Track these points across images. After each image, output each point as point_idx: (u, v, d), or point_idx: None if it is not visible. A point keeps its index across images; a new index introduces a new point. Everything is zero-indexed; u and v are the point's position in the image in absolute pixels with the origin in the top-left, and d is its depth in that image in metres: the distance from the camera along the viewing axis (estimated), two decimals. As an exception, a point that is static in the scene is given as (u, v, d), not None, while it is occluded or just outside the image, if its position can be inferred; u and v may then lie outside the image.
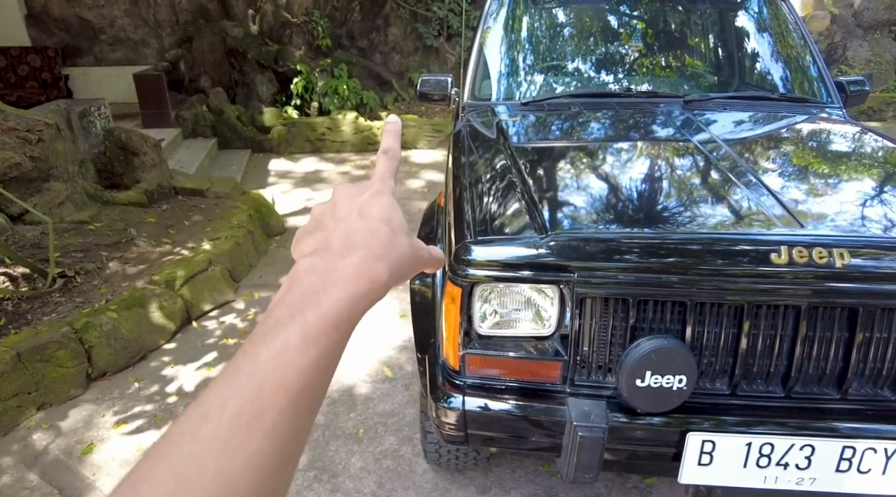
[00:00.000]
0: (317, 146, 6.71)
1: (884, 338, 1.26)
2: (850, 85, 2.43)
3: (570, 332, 1.31)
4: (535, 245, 1.30)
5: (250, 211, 4.06)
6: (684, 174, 1.65)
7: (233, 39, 6.96)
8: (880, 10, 9.57)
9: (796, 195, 1.47)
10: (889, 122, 8.98)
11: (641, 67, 2.41)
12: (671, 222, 1.39)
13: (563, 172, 1.72)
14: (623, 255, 1.28)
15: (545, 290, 1.32)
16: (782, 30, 2.57)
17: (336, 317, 0.35)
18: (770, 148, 1.86)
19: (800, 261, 1.22)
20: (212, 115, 6.58)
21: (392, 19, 7.64)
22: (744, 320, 1.26)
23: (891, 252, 1.26)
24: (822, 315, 1.26)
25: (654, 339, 1.22)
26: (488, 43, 2.54)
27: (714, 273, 1.24)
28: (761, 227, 1.32)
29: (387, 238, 0.40)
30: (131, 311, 2.66)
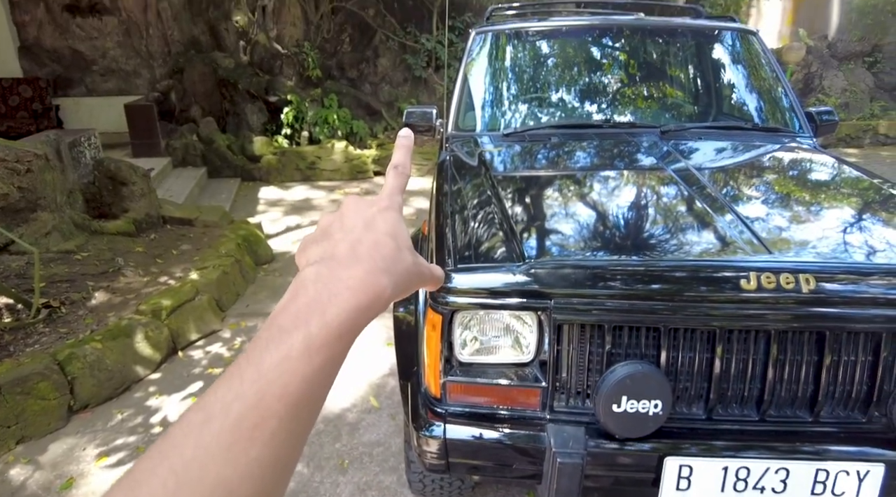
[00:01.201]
0: (307, 175, 6.77)
1: (851, 361, 1.30)
2: (821, 115, 2.52)
3: (549, 358, 1.33)
4: (513, 273, 1.33)
5: (238, 239, 4.08)
6: (658, 203, 1.70)
7: (224, 70, 7.07)
8: (853, 42, 9.93)
9: (765, 222, 1.52)
10: (866, 148, 9.23)
11: (619, 99, 2.50)
12: (644, 250, 1.44)
13: (541, 201, 1.77)
14: (598, 282, 1.31)
15: (523, 317, 1.35)
16: (755, 63, 2.67)
17: (339, 327, 0.35)
18: (742, 176, 1.92)
19: (768, 286, 1.26)
20: (202, 145, 6.64)
21: (381, 51, 7.81)
22: (716, 345, 1.29)
23: (854, 277, 1.31)
24: (791, 339, 1.29)
25: (629, 364, 1.25)
26: (471, 76, 2.61)
27: (685, 299, 1.28)
28: (731, 255, 1.37)
29: (392, 252, 0.40)
30: (116, 342, 2.65)
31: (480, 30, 2.72)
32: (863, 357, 1.30)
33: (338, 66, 7.86)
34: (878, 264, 1.35)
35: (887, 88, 10.14)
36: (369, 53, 7.86)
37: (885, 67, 10.08)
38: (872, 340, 1.29)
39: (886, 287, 1.30)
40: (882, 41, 10.00)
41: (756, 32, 2.70)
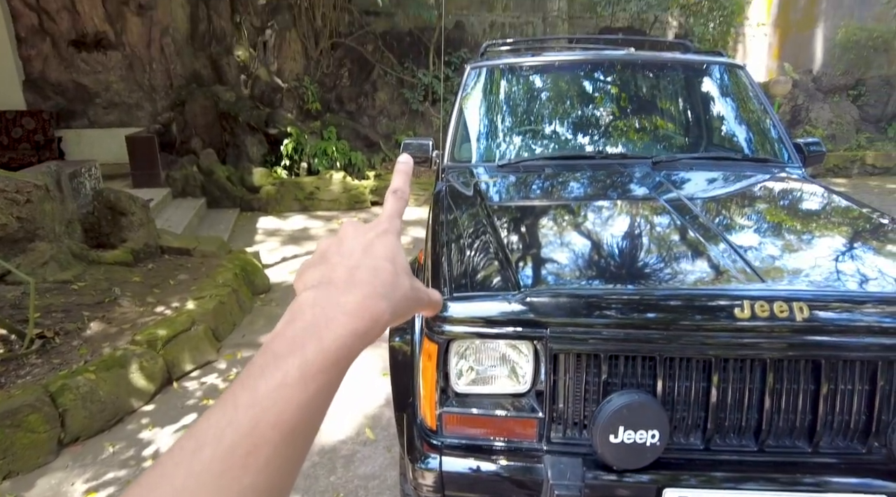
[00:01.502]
0: (305, 205, 6.82)
1: (848, 390, 1.30)
2: (808, 146, 2.57)
3: (545, 388, 1.33)
4: (509, 301, 1.34)
5: (236, 269, 4.08)
6: (652, 232, 1.72)
7: (225, 103, 7.19)
8: (837, 76, 10.18)
9: (758, 251, 1.54)
10: (854, 178, 9.36)
11: (611, 131, 2.55)
12: (639, 279, 1.45)
13: (536, 231, 1.79)
14: (593, 311, 1.32)
15: (519, 347, 1.35)
16: (743, 96, 2.74)
17: (336, 353, 0.34)
18: (733, 206, 1.95)
19: (762, 315, 1.27)
20: (202, 175, 6.70)
21: (380, 85, 7.97)
22: (712, 374, 1.29)
23: (848, 305, 1.32)
24: (787, 368, 1.30)
25: (625, 394, 1.24)
26: (467, 109, 2.67)
27: (680, 328, 1.28)
28: (725, 283, 1.38)
29: (390, 277, 0.39)
30: (110, 373, 2.62)
31: (475, 65, 2.79)
32: (860, 386, 1.30)
33: (337, 99, 8.00)
34: (871, 292, 1.36)
35: (872, 120, 10.35)
36: (368, 87, 8.02)
37: (868, 100, 10.31)
38: (868, 369, 1.29)
39: (880, 315, 1.31)
40: (865, 75, 10.26)
41: (743, 66, 2.78)
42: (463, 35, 8.45)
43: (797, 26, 10.42)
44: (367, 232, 0.43)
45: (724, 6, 7.70)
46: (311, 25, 7.56)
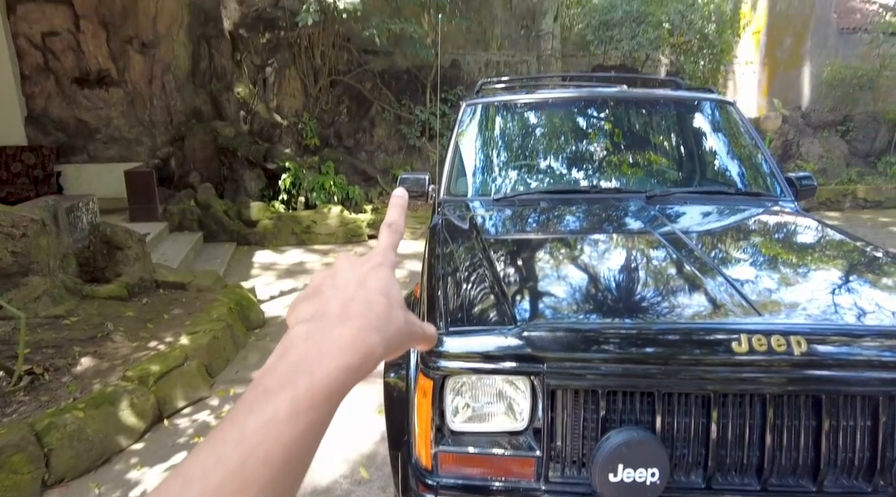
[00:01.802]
0: (302, 239, 6.83)
1: (850, 426, 1.28)
2: (800, 180, 2.61)
3: (543, 425, 1.30)
4: (506, 336, 1.33)
5: (231, 304, 4.05)
6: (648, 266, 1.72)
7: (224, 138, 7.28)
8: (825, 112, 10.41)
9: (754, 285, 1.54)
10: (847, 212, 9.46)
11: (605, 166, 2.58)
12: (636, 313, 1.44)
13: (532, 264, 1.79)
14: (591, 346, 1.30)
15: (516, 383, 1.33)
16: (734, 131, 2.79)
17: (328, 388, 0.33)
18: (728, 240, 1.96)
19: (759, 349, 1.26)
20: (199, 210, 6.73)
21: (378, 121, 8.10)
22: (712, 410, 1.27)
23: (846, 339, 1.31)
24: (787, 403, 1.28)
25: (624, 431, 1.22)
26: (462, 144, 2.71)
27: (679, 363, 1.27)
28: (722, 317, 1.37)
29: (384, 310, 0.39)
30: (99, 410, 2.56)
31: (470, 102, 2.85)
32: (862, 422, 1.28)
33: (335, 134, 8.12)
34: (869, 326, 1.36)
35: (861, 155, 10.53)
36: (366, 123, 8.14)
37: (857, 135, 10.52)
38: (870, 405, 1.27)
39: (879, 349, 1.30)
40: (852, 111, 10.49)
41: (733, 103, 2.84)
42: (459, 73, 8.65)
43: (784, 65, 10.71)
44: (362, 265, 0.43)
45: (714, 45, 7.92)
46: (311, 64, 7.73)
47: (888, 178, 10.05)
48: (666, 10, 7.58)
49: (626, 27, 7.56)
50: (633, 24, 7.53)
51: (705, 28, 7.74)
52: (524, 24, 8.93)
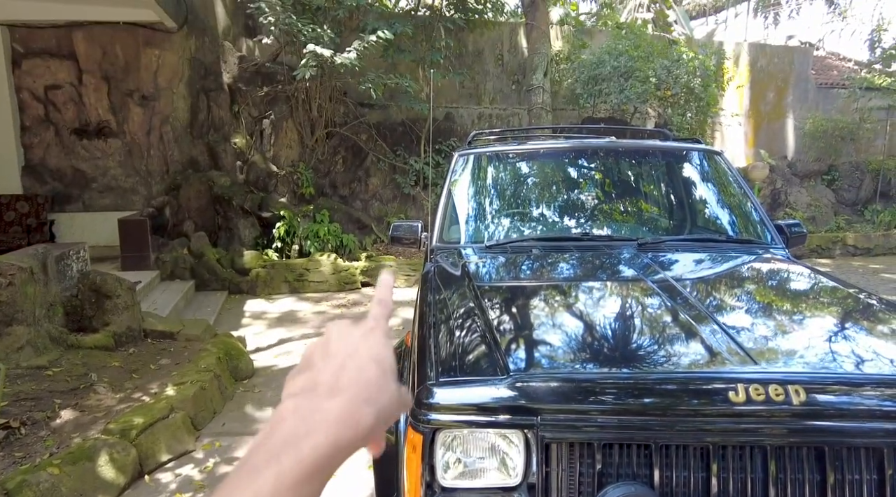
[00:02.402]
0: (295, 287, 6.78)
1: (856, 480, 1.23)
2: (790, 227, 2.63)
3: (537, 481, 1.25)
4: (498, 386, 1.29)
5: (219, 354, 3.97)
6: (642, 314, 1.70)
7: (219, 187, 7.34)
8: (810, 162, 10.69)
9: (749, 333, 1.52)
10: (837, 258, 9.54)
11: (596, 214, 2.60)
12: (631, 363, 1.41)
13: (525, 312, 1.77)
14: (586, 397, 1.27)
15: (509, 436, 1.28)
16: (722, 180, 2.84)
17: (314, 464, 0.32)
18: (721, 287, 1.96)
19: (757, 398, 1.23)
20: (192, 258, 6.70)
21: (373, 171, 8.23)
22: (711, 463, 1.22)
23: (846, 388, 1.28)
24: (790, 455, 1.23)
25: (621, 486, 1.17)
26: (454, 193, 2.74)
27: (675, 414, 1.24)
28: (718, 366, 1.35)
29: (376, 379, 0.38)
30: (76, 466, 2.45)
31: (462, 152, 2.90)
32: (867, 475, 1.23)
33: (330, 184, 8.22)
34: (869, 375, 1.33)
35: (847, 203, 10.74)
36: (361, 173, 8.27)
37: (842, 184, 10.77)
38: (875, 457, 1.23)
39: (881, 399, 1.27)
40: (836, 161, 10.78)
41: (720, 152, 2.90)
42: (453, 126, 8.86)
43: (768, 117, 11.06)
44: (353, 332, 0.42)
45: (700, 98, 8.19)
46: (308, 116, 7.91)
47: (876, 225, 10.21)
48: (652, 65, 7.88)
49: (615, 82, 7.83)
50: (621, 78, 7.80)
51: (691, 82, 8.02)
52: (515, 79, 9.24)
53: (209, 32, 7.37)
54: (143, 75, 7.09)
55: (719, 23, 15.73)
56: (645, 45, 8.16)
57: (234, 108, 7.80)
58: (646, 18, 10.88)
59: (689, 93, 7.98)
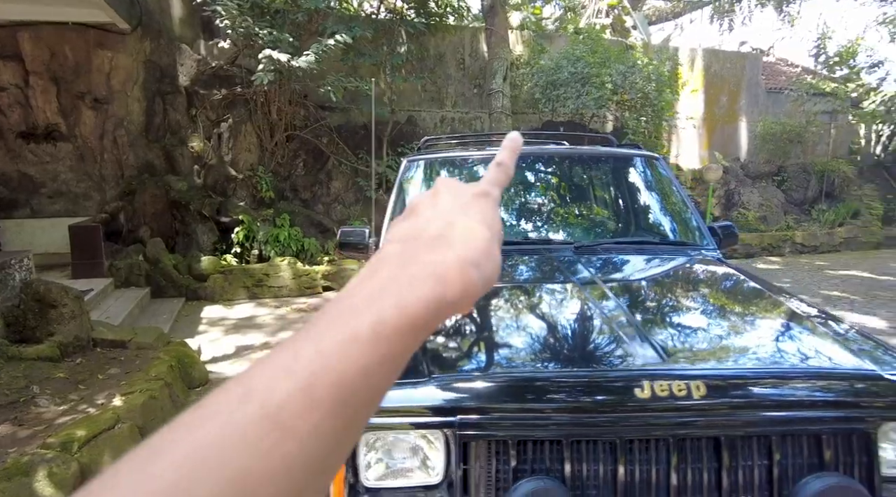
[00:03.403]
0: (254, 292, 6.72)
1: (748, 465, 1.32)
2: (722, 229, 2.76)
3: (455, 479, 1.30)
4: (417, 389, 1.34)
5: (172, 361, 3.91)
6: (564, 316, 1.78)
7: (176, 192, 7.22)
8: (761, 164, 11.10)
9: (664, 333, 1.61)
10: (787, 256, 9.95)
11: (537, 218, 2.68)
12: (546, 363, 1.48)
13: (457, 319, 1.82)
14: (500, 396, 1.33)
15: (430, 437, 1.33)
16: (660, 184, 2.95)
17: (415, 317, 0.30)
18: (646, 288, 2.05)
19: (661, 394, 1.31)
20: (147, 265, 6.57)
21: (335, 174, 8.20)
22: (619, 456, 1.29)
23: (742, 382, 1.37)
24: (690, 446, 1.32)
25: (531, 481, 1.23)
26: (403, 199, 2.78)
27: (585, 411, 1.31)
28: (628, 365, 1.42)
29: (485, 244, 0.34)
30: (11, 483, 2.40)
31: (412, 158, 2.94)
32: (758, 461, 1.33)
33: (291, 187, 8.15)
34: (763, 369, 1.43)
35: (796, 203, 11.21)
36: (322, 176, 8.23)
37: (791, 185, 11.23)
38: (765, 444, 1.33)
39: (771, 391, 1.37)
40: (785, 163, 11.24)
41: (659, 158, 3.02)
42: (415, 129, 8.91)
43: (722, 120, 11.46)
44: (466, 190, 0.39)
45: (654, 103, 8.43)
46: (267, 119, 7.83)
47: (822, 224, 10.69)
48: (609, 71, 8.07)
49: (572, 87, 7.99)
50: (578, 84, 7.97)
51: (646, 88, 8.25)
52: (477, 83, 9.34)
53: (165, 34, 7.24)
54: (95, 77, 6.91)
55: (676, 28, 16.20)
56: (601, 51, 8.37)
57: (191, 111, 7.68)
58: (604, 24, 11.15)
59: (644, 98, 8.21)
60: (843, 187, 11.34)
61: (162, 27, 7.18)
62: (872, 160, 12.10)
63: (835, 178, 11.24)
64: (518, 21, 10.57)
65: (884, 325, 5.63)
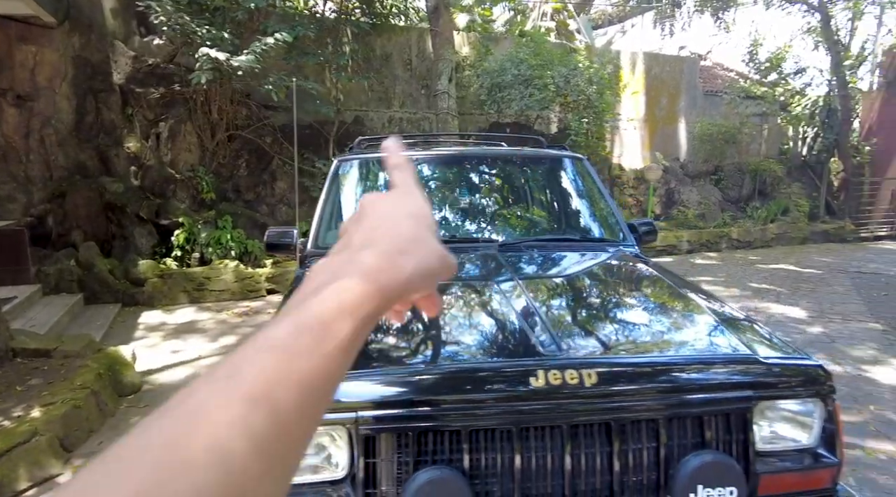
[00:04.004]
0: (195, 296, 6.54)
1: (637, 449, 1.41)
2: (641, 226, 2.88)
3: (357, 473, 1.33)
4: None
5: (100, 369, 3.78)
6: (473, 312, 1.83)
7: (111, 194, 6.94)
8: (700, 163, 11.60)
9: (565, 325, 1.68)
10: (724, 251, 10.43)
11: (464, 217, 2.74)
12: (445, 357, 1.53)
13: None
14: (398, 391, 1.36)
15: (332, 432, 1.35)
16: (585, 184, 3.06)
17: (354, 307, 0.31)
18: (558, 284, 2.13)
19: (554, 383, 1.37)
20: (80, 270, 6.30)
21: (279, 174, 8.06)
22: (515, 444, 1.35)
23: (631, 370, 1.46)
24: (583, 432, 1.39)
25: (428, 471, 1.27)
26: (332, 199, 2.78)
27: (480, 401, 1.36)
28: (525, 355, 1.49)
29: (411, 232, 0.36)
30: (-87, 500, 2.27)
31: (342, 158, 2.95)
32: (647, 444, 1.41)
33: (234, 188, 7.97)
34: (651, 357, 1.52)
35: (732, 201, 11.77)
36: (266, 177, 8.08)
37: (728, 184, 11.78)
38: (652, 428, 1.41)
39: (658, 377, 1.46)
40: (722, 163, 11.78)
41: (584, 158, 3.13)
42: (362, 129, 8.86)
43: (663, 121, 11.90)
44: (385, 196, 0.41)
45: (596, 106, 8.68)
46: (208, 118, 7.63)
47: (755, 221, 11.26)
48: (551, 73, 8.26)
49: (516, 89, 8.14)
50: (522, 85, 8.13)
51: (587, 90, 8.49)
52: (424, 84, 9.38)
53: (96, 29, 6.94)
54: (18, 73, 6.56)
55: (619, 32, 16.70)
56: (545, 54, 8.55)
57: (126, 110, 7.39)
58: (549, 27, 11.39)
59: (587, 100, 8.44)
60: (775, 186, 11.99)
61: (93, 22, 6.89)
62: (799, 160, 12.83)
63: (767, 177, 11.87)
64: (464, 23, 10.67)
65: (804, 315, 6.00)
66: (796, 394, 1.52)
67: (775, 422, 1.53)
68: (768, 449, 1.51)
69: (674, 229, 10.36)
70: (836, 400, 1.56)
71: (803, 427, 1.54)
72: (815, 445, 1.53)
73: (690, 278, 7.44)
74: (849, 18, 12.85)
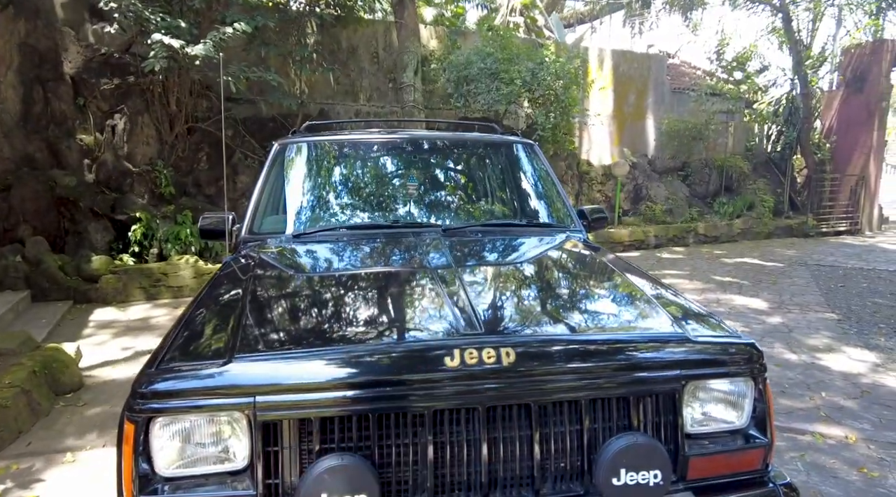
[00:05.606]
0: (151, 293, 6.32)
1: (560, 432, 1.33)
2: (592, 213, 2.83)
3: (255, 462, 1.23)
4: (213, 370, 1.26)
5: (35, 367, 3.59)
6: (397, 294, 1.74)
7: (63, 188, 6.66)
8: (667, 159, 11.71)
9: (492, 306, 1.61)
10: (691, 246, 10.54)
11: (409, 202, 2.65)
12: (356, 341, 1.44)
13: (283, 298, 1.75)
14: (298, 374, 1.27)
15: (230, 420, 1.25)
16: (535, 170, 2.99)
17: None
18: (495, 267, 2.06)
19: (470, 362, 1.29)
20: (26, 266, 6.03)
21: (241, 168, 7.86)
22: (428, 429, 1.27)
23: (551, 348, 1.38)
24: (502, 414, 1.31)
25: (329, 458, 1.18)
26: (269, 184, 2.66)
27: (390, 383, 1.27)
28: (441, 336, 1.40)
29: None
30: None
31: (282, 141, 2.84)
32: (570, 427, 1.34)
33: (194, 183, 7.75)
34: (575, 336, 1.45)
35: (700, 196, 11.92)
36: (228, 171, 7.86)
37: (695, 179, 11.93)
38: (575, 410, 1.34)
39: (581, 357, 1.38)
40: (689, 159, 11.92)
41: (534, 144, 3.07)
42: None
43: (631, 118, 11.98)
44: None
45: (562, 100, 8.67)
46: (166, 110, 7.39)
47: (721, 216, 11.42)
48: (518, 68, 8.22)
49: (483, 82, 8.08)
50: (488, 79, 8.07)
51: (554, 84, 8.47)
52: (392, 78, 9.25)
53: (43, 16, 6.66)
54: (-40, 61, 6.26)
55: (590, 29, 16.80)
56: (512, 48, 8.51)
57: (78, 100, 7.11)
58: (517, 22, 11.36)
59: (553, 94, 8.43)
60: (741, 182, 12.18)
61: (39, 7, 6.60)
62: (765, 157, 13.06)
63: (733, 173, 12.05)
64: (432, 16, 10.57)
65: (764, 306, 6.07)
66: (727, 373, 1.47)
67: (706, 403, 1.48)
68: (699, 431, 1.46)
69: (641, 224, 10.44)
70: (768, 380, 1.52)
71: (735, 407, 1.49)
72: (746, 426, 1.49)
73: (655, 272, 7.48)
74: (810, 19, 13.14)
